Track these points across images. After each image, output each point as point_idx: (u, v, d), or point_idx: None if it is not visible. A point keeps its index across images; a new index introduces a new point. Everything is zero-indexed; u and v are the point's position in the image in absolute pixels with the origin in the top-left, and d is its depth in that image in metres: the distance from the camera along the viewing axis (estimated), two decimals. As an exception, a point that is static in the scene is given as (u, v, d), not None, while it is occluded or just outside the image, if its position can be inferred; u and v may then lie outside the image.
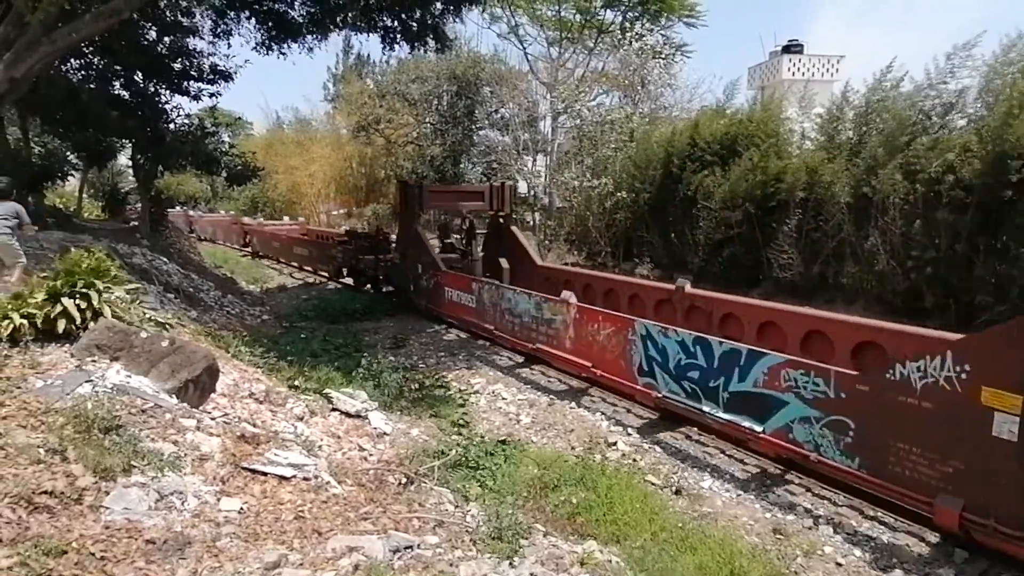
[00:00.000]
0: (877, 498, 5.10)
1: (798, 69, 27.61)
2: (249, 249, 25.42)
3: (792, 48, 28.32)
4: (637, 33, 21.14)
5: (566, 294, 8.31)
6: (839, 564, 4.53)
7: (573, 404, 7.68)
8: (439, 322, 12.02)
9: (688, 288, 8.42)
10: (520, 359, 9.53)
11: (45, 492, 2.99)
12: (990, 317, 9.29)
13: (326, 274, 18.30)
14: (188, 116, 17.11)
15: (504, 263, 11.99)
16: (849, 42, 64.05)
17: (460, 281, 11.18)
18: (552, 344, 8.43)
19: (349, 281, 16.57)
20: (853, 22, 66.95)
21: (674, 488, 5.61)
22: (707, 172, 14.26)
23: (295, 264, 21.01)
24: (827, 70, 27.52)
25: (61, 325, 4.92)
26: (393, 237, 14.93)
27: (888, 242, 10.66)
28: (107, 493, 3.15)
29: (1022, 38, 10.06)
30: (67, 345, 4.90)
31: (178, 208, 30.09)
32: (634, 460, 6.15)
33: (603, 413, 7.41)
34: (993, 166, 9.26)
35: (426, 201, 13.01)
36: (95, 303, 5.17)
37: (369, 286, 15.37)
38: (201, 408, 4.82)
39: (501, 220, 13.22)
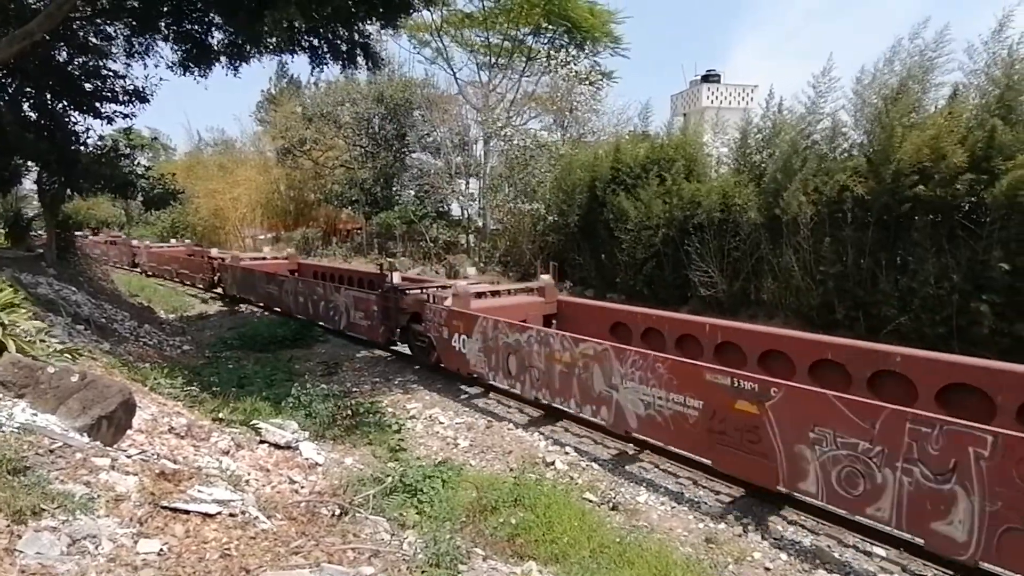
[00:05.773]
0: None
1: (716, 97, 29.15)
2: (139, 269, 27.33)
3: (710, 78, 29.91)
4: (562, 60, 21.76)
5: None
6: (767, 569, 4.71)
7: (511, 426, 7.68)
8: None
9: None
10: (460, 383, 9.48)
11: (-34, 532, 2.78)
12: (895, 327, 9.99)
13: (202, 285, 20.93)
14: (102, 138, 16.21)
15: None
16: (764, 72, 68.23)
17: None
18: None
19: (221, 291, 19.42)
20: (768, 54, 71.36)
21: (611, 504, 5.69)
22: (627, 195, 14.76)
23: (178, 279, 23.22)
24: (743, 98, 29.17)
25: (-41, 361, 4.56)
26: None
27: (801, 259, 11.31)
28: (19, 537, 2.95)
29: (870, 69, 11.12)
30: (-34, 383, 4.52)
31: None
32: (571, 478, 6.21)
33: (541, 433, 7.45)
34: (888, 185, 10.03)
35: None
36: (-3, 337, 4.81)
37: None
38: (116, 446, 4.52)
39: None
